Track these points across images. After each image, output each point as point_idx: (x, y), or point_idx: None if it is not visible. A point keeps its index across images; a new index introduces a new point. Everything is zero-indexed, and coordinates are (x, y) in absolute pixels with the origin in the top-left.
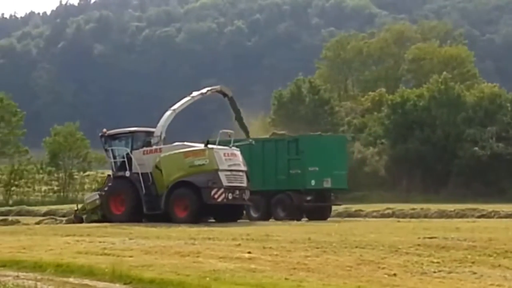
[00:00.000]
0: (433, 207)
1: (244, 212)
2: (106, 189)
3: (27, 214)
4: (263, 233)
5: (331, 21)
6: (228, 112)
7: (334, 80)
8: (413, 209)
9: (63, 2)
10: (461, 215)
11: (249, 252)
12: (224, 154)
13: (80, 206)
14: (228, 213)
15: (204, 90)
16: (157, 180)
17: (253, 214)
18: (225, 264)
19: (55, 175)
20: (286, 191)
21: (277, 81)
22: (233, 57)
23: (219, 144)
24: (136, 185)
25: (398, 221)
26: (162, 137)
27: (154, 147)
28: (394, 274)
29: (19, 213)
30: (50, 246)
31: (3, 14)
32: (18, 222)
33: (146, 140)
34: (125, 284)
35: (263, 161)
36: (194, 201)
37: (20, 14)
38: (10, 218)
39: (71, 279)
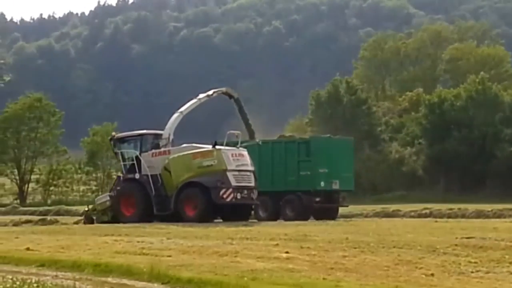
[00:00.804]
0: (471, 207)
1: (252, 212)
2: (116, 190)
3: (65, 213)
4: (301, 233)
5: (369, 21)
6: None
7: (371, 80)
8: (451, 209)
9: (101, 3)
10: (498, 215)
11: (287, 252)
12: (232, 154)
13: (90, 207)
14: (237, 213)
15: (210, 92)
16: (166, 181)
17: (262, 214)
18: (263, 264)
19: (93, 175)
20: (296, 192)
21: (314, 82)
22: (270, 57)
23: (227, 145)
24: (146, 186)
25: (436, 221)
26: (170, 139)
27: (163, 149)
28: (432, 274)
29: (57, 213)
30: (88, 246)
31: (41, 14)
32: (56, 221)
33: (155, 142)
34: (163, 283)
35: (273, 162)
36: (203, 201)
37: (59, 14)
38: (48, 217)
39: (109, 279)
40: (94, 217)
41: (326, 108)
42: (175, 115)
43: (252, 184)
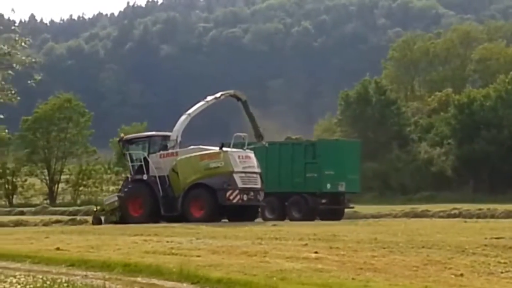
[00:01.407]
0: (500, 207)
1: (259, 212)
2: (124, 191)
3: None
4: (330, 233)
5: (398, 21)
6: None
7: (400, 80)
8: (480, 209)
9: (131, 3)
10: None
11: (316, 252)
12: (239, 156)
13: (99, 207)
14: (243, 214)
15: (218, 95)
16: (173, 183)
17: (268, 215)
18: (292, 264)
19: (123, 175)
20: (302, 194)
21: (343, 82)
22: (299, 57)
23: (233, 147)
24: (154, 187)
25: (465, 221)
26: (178, 141)
27: (171, 150)
28: (461, 275)
29: (87, 213)
30: (118, 246)
31: (71, 15)
32: (86, 221)
33: (163, 144)
34: (192, 283)
35: (280, 164)
36: (209, 203)
37: (88, 15)
38: (78, 218)
39: (139, 279)
40: (103, 218)
41: (355, 108)
42: (183, 117)
43: (259, 185)
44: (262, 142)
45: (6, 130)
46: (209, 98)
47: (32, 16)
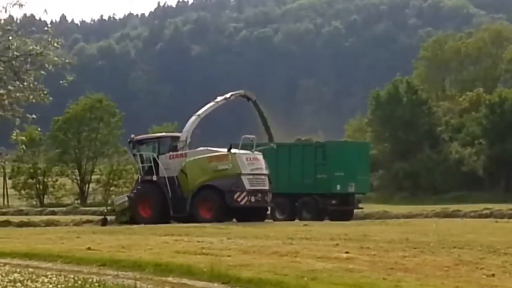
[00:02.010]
0: None
1: (269, 213)
2: (134, 192)
3: None
4: (361, 233)
5: (429, 21)
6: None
7: (431, 80)
8: (511, 209)
9: (161, 4)
10: None
11: (347, 252)
12: (247, 158)
13: (109, 207)
14: (252, 215)
15: (228, 95)
16: (182, 184)
17: (278, 216)
18: (323, 264)
19: None
20: (312, 194)
21: (374, 81)
22: (330, 57)
23: (242, 149)
24: (163, 188)
25: (496, 222)
26: (188, 142)
27: (180, 152)
28: (493, 275)
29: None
30: (149, 246)
31: (101, 16)
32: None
33: (173, 145)
34: (223, 283)
35: (290, 165)
36: (218, 204)
37: (119, 16)
38: (109, 217)
39: (170, 278)
40: (112, 218)
41: (386, 108)
42: (193, 118)
43: (266, 187)
44: (271, 143)
45: (39, 129)
46: (219, 98)
47: (63, 17)
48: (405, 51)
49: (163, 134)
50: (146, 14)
